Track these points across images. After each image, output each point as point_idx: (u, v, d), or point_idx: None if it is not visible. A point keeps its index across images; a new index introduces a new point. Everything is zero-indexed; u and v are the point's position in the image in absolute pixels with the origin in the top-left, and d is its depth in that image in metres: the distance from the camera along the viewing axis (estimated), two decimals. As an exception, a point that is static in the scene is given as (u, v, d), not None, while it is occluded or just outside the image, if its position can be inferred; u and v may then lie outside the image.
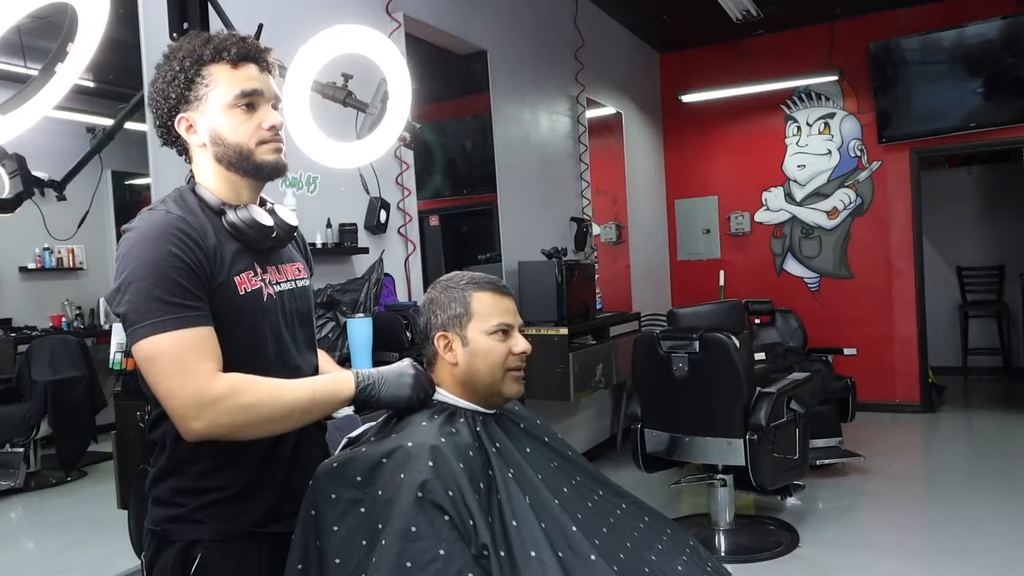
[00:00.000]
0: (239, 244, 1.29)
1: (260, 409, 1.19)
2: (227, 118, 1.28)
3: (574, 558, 1.23)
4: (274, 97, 1.33)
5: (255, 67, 1.31)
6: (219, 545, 1.27)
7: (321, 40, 2.24)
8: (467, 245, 4.09)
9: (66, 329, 2.10)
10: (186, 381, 1.14)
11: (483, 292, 1.39)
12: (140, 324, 1.15)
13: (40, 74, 1.48)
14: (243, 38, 1.32)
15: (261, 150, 1.30)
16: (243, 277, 1.28)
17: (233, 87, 1.27)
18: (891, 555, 3.27)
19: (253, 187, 1.35)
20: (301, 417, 1.24)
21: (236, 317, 1.26)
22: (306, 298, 1.45)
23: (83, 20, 1.47)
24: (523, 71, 4.31)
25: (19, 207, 1.74)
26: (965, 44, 5.41)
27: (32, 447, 2.11)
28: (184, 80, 1.27)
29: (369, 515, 1.23)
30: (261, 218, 1.31)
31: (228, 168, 1.31)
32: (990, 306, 7.04)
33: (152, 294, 1.15)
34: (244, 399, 1.18)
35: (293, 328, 1.39)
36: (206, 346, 1.18)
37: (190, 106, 1.29)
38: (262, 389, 1.20)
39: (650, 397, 3.46)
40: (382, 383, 1.31)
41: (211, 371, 1.17)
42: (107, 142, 1.97)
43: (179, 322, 1.16)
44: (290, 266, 1.41)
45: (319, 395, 1.26)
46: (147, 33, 2.10)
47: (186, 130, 1.30)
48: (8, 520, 2.05)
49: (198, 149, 1.31)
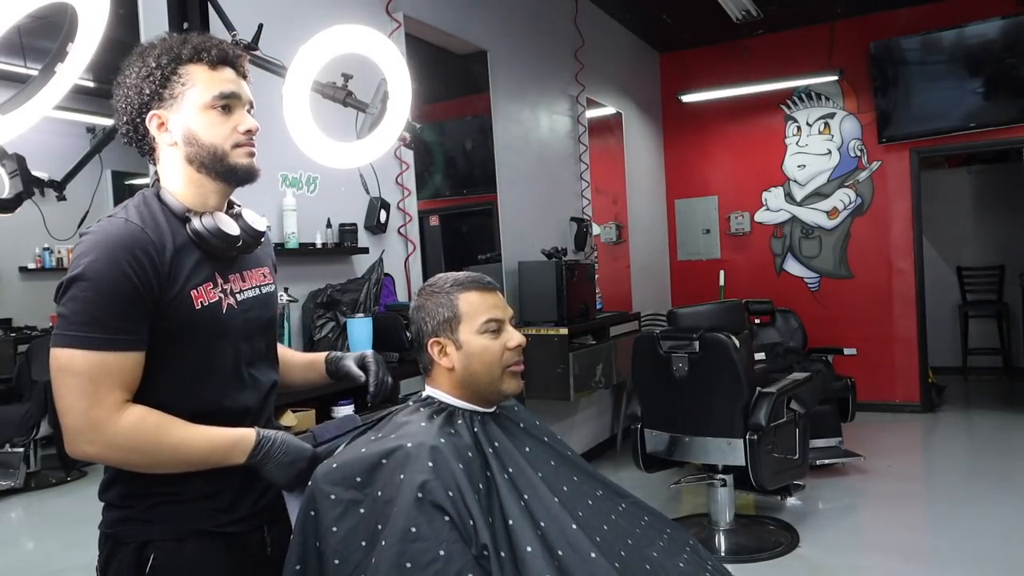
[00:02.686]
0: (201, 253, 1.27)
1: (155, 455, 1.19)
2: (203, 118, 1.26)
3: (574, 556, 1.23)
4: (249, 102, 1.33)
5: (232, 71, 1.30)
6: (172, 544, 1.25)
7: (321, 40, 2.24)
8: (467, 245, 4.08)
9: (66, 329, 2.10)
10: (90, 406, 1.14)
11: (468, 292, 1.38)
12: (67, 331, 1.14)
13: (40, 74, 1.48)
14: (220, 41, 1.32)
15: (236, 152, 1.29)
16: (200, 291, 1.26)
17: (211, 88, 1.26)
18: (891, 555, 3.27)
19: (221, 192, 1.32)
20: (190, 468, 1.23)
21: (191, 332, 1.25)
22: (269, 305, 1.43)
23: (83, 20, 1.47)
24: (523, 71, 4.31)
25: (19, 207, 1.74)
26: (965, 44, 5.41)
27: (32, 447, 2.11)
28: (160, 77, 1.25)
29: (369, 516, 1.23)
30: (226, 227, 1.28)
31: (199, 170, 1.28)
32: (990, 306, 7.04)
33: (89, 310, 1.14)
34: (142, 440, 1.17)
35: (252, 339, 1.36)
36: (122, 374, 1.17)
37: (164, 103, 1.26)
38: (163, 436, 1.19)
39: (650, 397, 3.46)
40: (271, 461, 1.26)
41: (118, 402, 1.16)
42: (107, 142, 1.97)
43: (105, 343, 1.15)
44: (256, 271, 1.39)
45: (214, 456, 1.23)
46: (147, 33, 2.10)
47: (157, 127, 1.28)
48: (8, 520, 2.05)
49: (168, 148, 1.29)
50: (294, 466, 1.28)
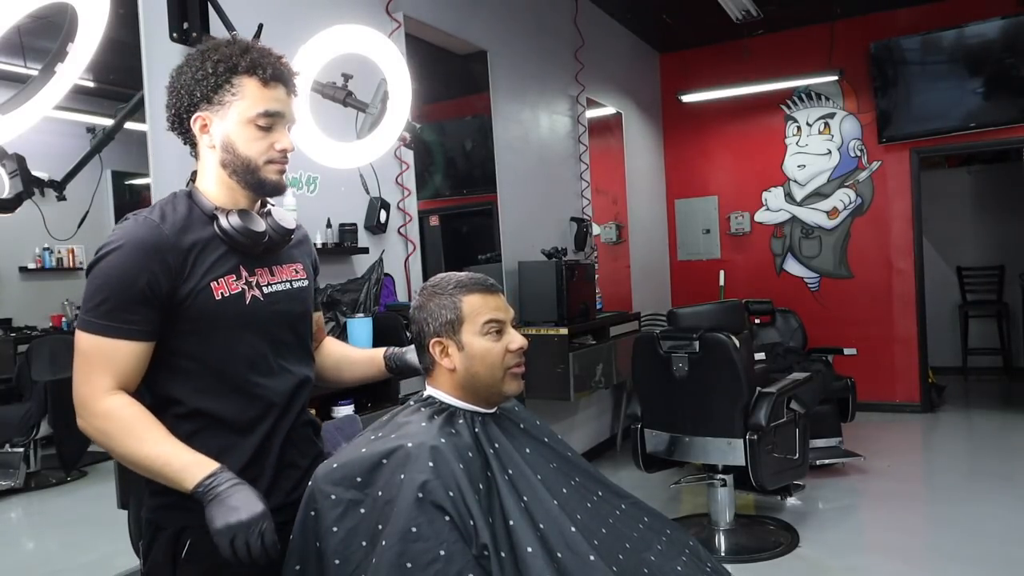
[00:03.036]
0: (227, 247, 1.33)
1: (117, 446, 1.24)
2: (244, 131, 1.32)
3: (573, 558, 1.23)
4: (292, 122, 1.39)
5: (284, 90, 1.35)
6: (208, 531, 1.25)
7: (321, 40, 2.24)
8: (467, 245, 4.08)
9: (66, 329, 2.09)
10: (82, 383, 1.24)
11: (471, 294, 1.38)
12: (80, 314, 1.26)
13: (40, 74, 1.49)
14: (280, 58, 1.36)
15: (268, 168, 1.35)
16: (221, 282, 1.31)
17: (259, 104, 1.31)
18: (891, 555, 3.27)
19: (251, 198, 1.38)
20: (145, 473, 1.25)
21: (211, 323, 1.30)
22: (301, 299, 1.46)
23: (83, 20, 1.47)
24: (523, 71, 4.31)
25: (19, 207, 1.74)
26: (965, 44, 5.41)
27: (32, 447, 2.11)
28: (214, 82, 1.30)
29: (369, 516, 1.23)
30: (252, 224, 1.34)
31: (231, 176, 1.35)
32: (990, 306, 7.04)
33: (97, 297, 1.24)
34: (110, 428, 1.23)
35: (279, 330, 1.40)
36: (116, 359, 1.24)
37: (211, 107, 1.32)
38: (127, 433, 1.23)
39: (650, 397, 3.46)
40: (216, 504, 1.19)
41: (104, 387, 1.23)
42: (107, 142, 1.97)
43: (103, 329, 1.23)
44: (287, 267, 1.44)
45: (166, 470, 1.22)
46: (147, 33, 2.10)
47: (200, 128, 1.33)
48: (8, 520, 2.05)
49: (206, 149, 1.35)
50: (238, 512, 1.17)
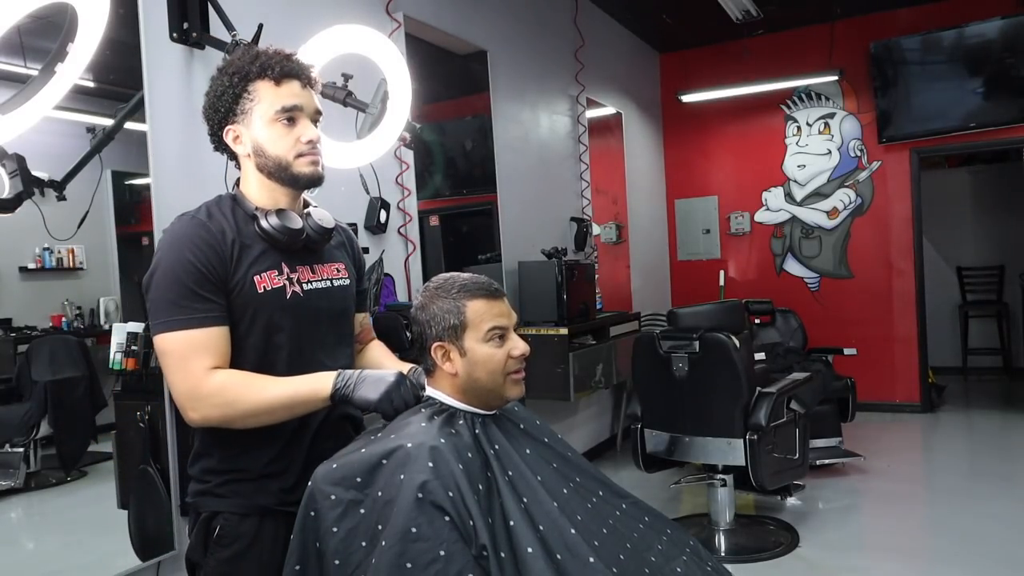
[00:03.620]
0: (268, 245, 1.39)
1: (245, 404, 1.30)
2: (268, 131, 1.39)
3: (573, 560, 1.23)
4: (314, 111, 1.43)
5: (298, 83, 1.41)
6: (237, 518, 1.38)
7: (321, 40, 2.25)
8: (467, 245, 4.08)
9: (66, 329, 2.09)
10: (184, 377, 1.29)
11: (476, 299, 1.37)
12: (155, 321, 1.31)
13: (40, 74, 1.49)
14: (288, 55, 1.41)
15: (299, 162, 1.41)
16: (264, 276, 1.38)
17: (275, 102, 1.38)
18: (891, 555, 3.27)
19: (291, 194, 1.45)
20: (285, 412, 1.33)
21: (254, 313, 1.37)
22: (341, 298, 1.52)
23: (83, 20, 1.47)
24: (523, 71, 4.31)
25: (19, 207, 1.74)
26: (965, 44, 5.41)
27: (32, 447, 2.11)
28: (232, 95, 1.38)
29: (369, 516, 1.23)
30: (291, 223, 1.40)
31: (269, 177, 1.42)
32: (990, 306, 7.04)
33: (167, 297, 1.30)
34: (230, 395, 1.30)
35: (319, 325, 1.46)
36: (207, 344, 1.31)
37: (237, 119, 1.40)
38: (247, 387, 1.31)
39: (650, 397, 3.46)
40: (357, 383, 1.33)
41: (205, 368, 1.30)
42: (107, 142, 1.97)
43: (184, 323, 1.29)
44: (328, 266, 1.50)
45: (299, 394, 1.32)
46: (147, 33, 2.10)
47: (233, 140, 1.42)
48: (8, 520, 2.05)
49: (244, 159, 1.43)
50: (382, 381, 1.32)
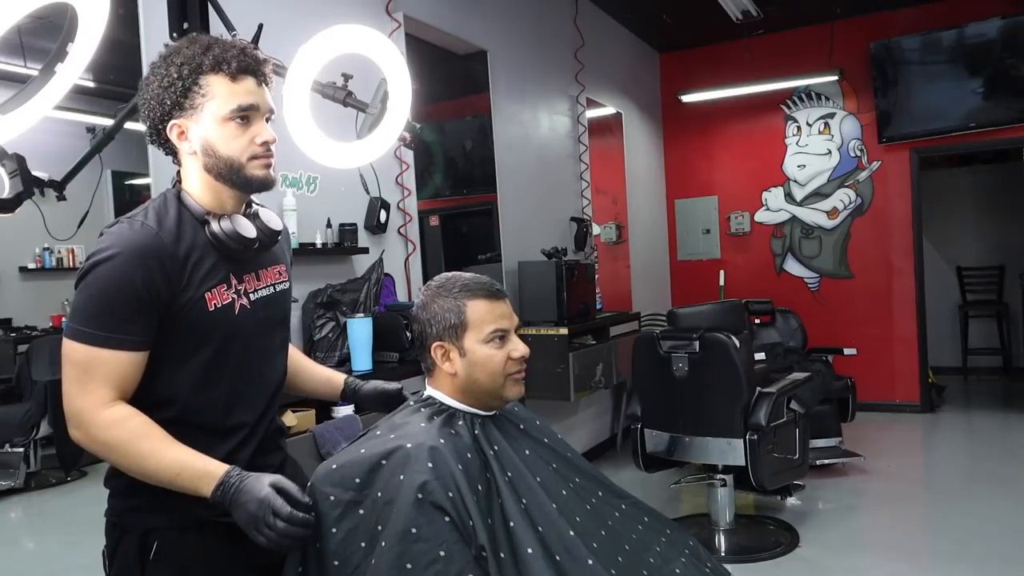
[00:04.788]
0: (218, 254, 1.30)
1: (123, 459, 1.20)
2: (221, 130, 1.28)
3: (571, 562, 1.23)
4: (268, 111, 1.33)
5: (253, 80, 1.30)
6: (175, 532, 1.28)
7: (321, 40, 2.24)
8: (467, 245, 4.08)
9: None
10: (80, 394, 1.19)
11: (477, 300, 1.36)
12: (71, 323, 1.20)
13: (40, 74, 1.48)
14: (243, 49, 1.30)
15: (252, 165, 1.30)
16: (214, 292, 1.29)
17: (230, 101, 1.27)
18: (891, 555, 3.27)
19: (238, 197, 1.35)
20: (158, 483, 1.21)
21: (203, 334, 1.28)
22: (282, 303, 1.45)
23: (83, 20, 1.47)
24: (523, 71, 4.31)
25: (19, 207, 1.74)
26: (965, 44, 5.41)
27: (32, 447, 2.11)
28: (181, 88, 1.26)
29: (368, 517, 1.23)
30: (244, 230, 1.31)
31: (216, 179, 1.31)
32: (990, 306, 7.04)
33: (94, 307, 1.19)
34: (113, 440, 1.19)
35: (265, 336, 1.39)
36: (114, 372, 1.20)
37: (184, 113, 1.28)
38: (134, 443, 1.19)
39: (650, 397, 3.46)
40: (233, 501, 1.17)
41: (103, 398, 1.19)
42: (107, 142, 1.97)
43: (100, 340, 1.19)
44: (271, 270, 1.42)
45: (180, 479, 1.19)
46: (147, 33, 2.10)
47: (177, 136, 1.30)
48: (8, 520, 2.05)
49: (188, 156, 1.31)
50: (251, 503, 1.16)
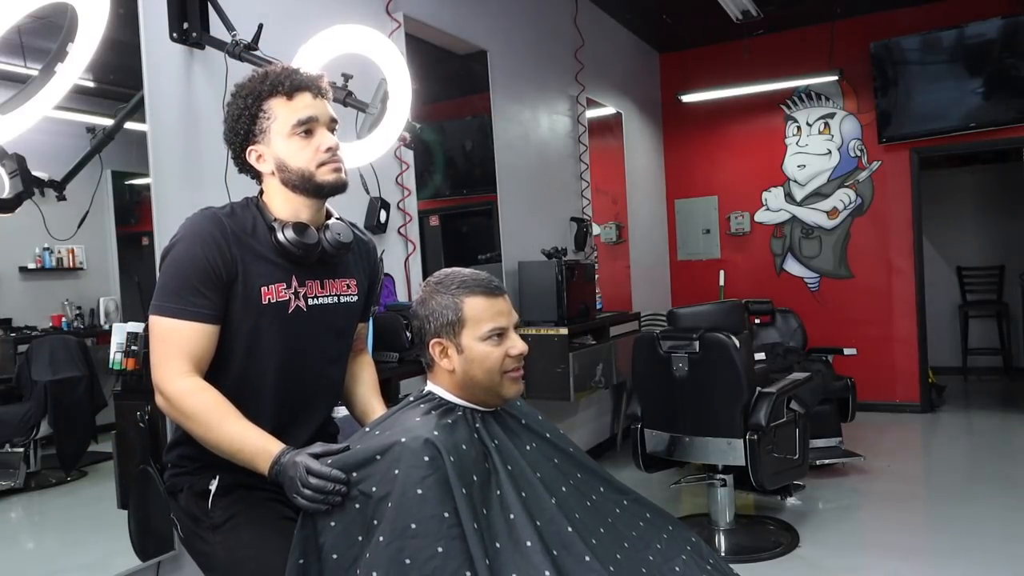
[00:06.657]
0: (282, 258, 1.42)
1: (197, 428, 1.34)
2: (288, 146, 1.42)
3: (569, 558, 1.23)
4: (330, 120, 1.45)
5: (309, 95, 1.43)
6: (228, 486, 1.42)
7: (321, 40, 2.25)
8: (467, 245, 4.08)
9: (66, 329, 2.09)
10: (161, 363, 1.35)
11: (475, 296, 1.36)
12: (154, 302, 1.36)
13: (40, 74, 1.49)
14: (295, 70, 1.44)
15: (321, 171, 1.43)
16: (271, 288, 1.41)
17: (290, 117, 1.41)
18: (891, 555, 3.27)
19: (313, 207, 1.47)
20: (220, 453, 1.34)
21: (254, 320, 1.40)
22: (346, 315, 1.54)
23: (83, 20, 1.47)
24: (523, 71, 4.31)
25: (19, 207, 1.75)
26: (965, 44, 5.41)
27: (32, 447, 2.11)
28: (248, 116, 1.42)
29: (364, 511, 1.23)
30: (306, 237, 1.43)
31: (294, 191, 1.45)
32: (990, 306, 7.04)
33: (169, 284, 1.35)
34: (184, 410, 1.33)
35: (316, 341, 1.48)
36: (190, 342, 1.34)
37: (257, 139, 1.43)
38: (203, 415, 1.33)
39: (650, 397, 3.46)
40: (282, 474, 1.28)
41: (179, 368, 1.33)
42: (107, 142, 1.97)
43: (177, 312, 1.34)
44: (339, 281, 1.52)
45: (241, 455, 1.32)
46: (147, 33, 2.10)
47: (256, 160, 1.45)
48: (8, 520, 2.05)
49: (268, 177, 1.46)
50: (287, 474, 1.28)
